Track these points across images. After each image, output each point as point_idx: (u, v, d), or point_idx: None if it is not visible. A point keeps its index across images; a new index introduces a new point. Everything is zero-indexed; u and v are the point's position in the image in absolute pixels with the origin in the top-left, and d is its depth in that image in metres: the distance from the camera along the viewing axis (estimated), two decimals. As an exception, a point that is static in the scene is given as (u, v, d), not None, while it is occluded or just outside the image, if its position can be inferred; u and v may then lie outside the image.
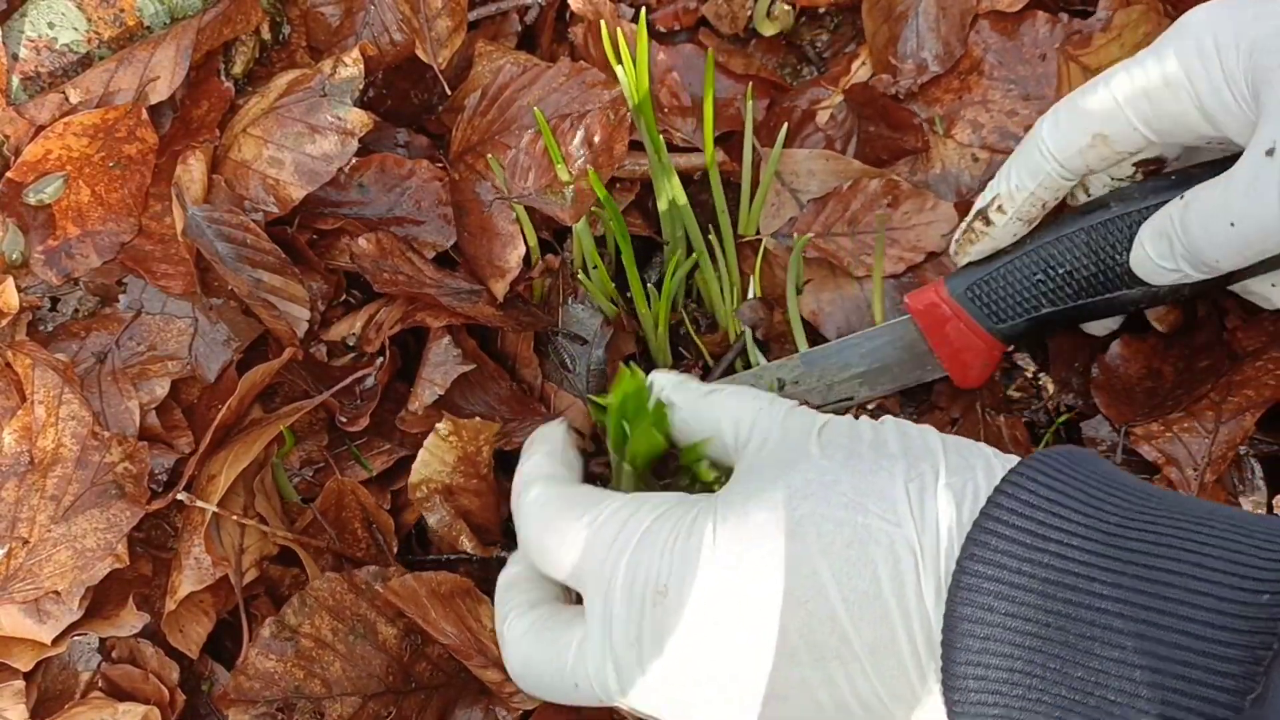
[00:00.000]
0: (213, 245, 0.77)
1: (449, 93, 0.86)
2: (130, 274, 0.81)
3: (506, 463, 0.78)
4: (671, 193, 0.74)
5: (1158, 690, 0.39)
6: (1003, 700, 0.43)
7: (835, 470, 0.50)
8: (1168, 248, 0.62)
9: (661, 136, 0.73)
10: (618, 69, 0.68)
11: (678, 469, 0.61)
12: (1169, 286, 0.65)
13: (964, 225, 0.71)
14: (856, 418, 0.55)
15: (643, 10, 0.72)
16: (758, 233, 0.80)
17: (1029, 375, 0.76)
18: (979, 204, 0.70)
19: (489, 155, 0.76)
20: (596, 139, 0.73)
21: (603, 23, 0.73)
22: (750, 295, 0.77)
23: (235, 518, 0.71)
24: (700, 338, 0.79)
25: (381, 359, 0.77)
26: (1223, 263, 0.60)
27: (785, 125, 0.76)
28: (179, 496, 0.70)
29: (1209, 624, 0.39)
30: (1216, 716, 0.38)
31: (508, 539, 0.75)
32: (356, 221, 0.81)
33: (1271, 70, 0.56)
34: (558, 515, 0.56)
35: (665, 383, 0.60)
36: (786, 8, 0.88)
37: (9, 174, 0.79)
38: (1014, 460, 0.48)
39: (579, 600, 0.57)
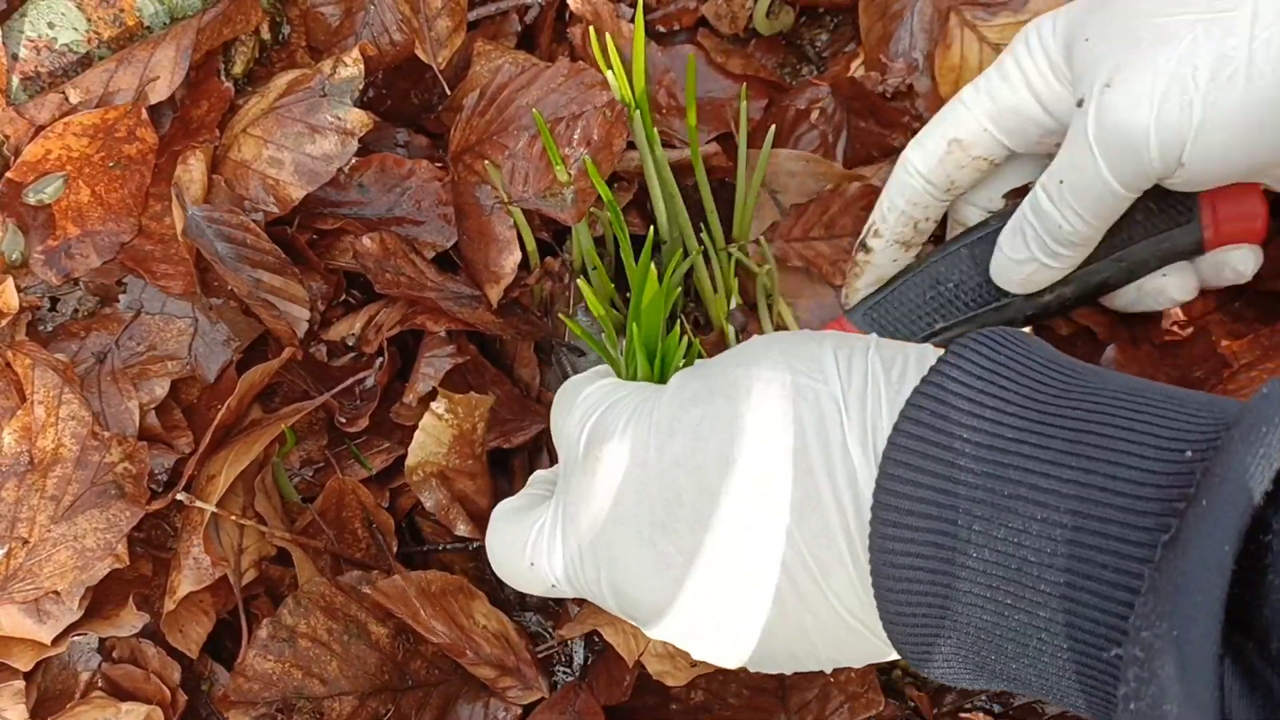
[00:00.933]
0: (213, 245, 0.77)
1: (449, 92, 0.86)
2: (130, 274, 0.81)
3: (503, 461, 0.78)
4: (666, 191, 0.74)
5: (1075, 546, 0.39)
6: (926, 565, 0.43)
7: (769, 342, 0.51)
8: (1021, 240, 0.64)
9: (659, 136, 0.73)
10: (608, 73, 0.69)
11: None
12: (1051, 295, 0.67)
13: (849, 265, 0.73)
14: None
15: (639, 6, 0.72)
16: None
17: None
18: (859, 239, 0.72)
19: (486, 161, 0.76)
20: (594, 138, 0.73)
21: (591, 28, 0.73)
22: (732, 304, 0.77)
23: (234, 518, 0.71)
24: (697, 338, 0.79)
25: (381, 359, 0.77)
26: (1066, 229, 0.62)
27: (774, 128, 0.76)
28: (178, 496, 0.70)
29: (1131, 480, 0.39)
30: (1129, 570, 0.38)
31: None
32: (356, 221, 0.81)
33: (1076, 38, 0.61)
34: (575, 385, 0.58)
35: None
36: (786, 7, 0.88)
37: (9, 174, 0.79)
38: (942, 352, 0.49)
39: None
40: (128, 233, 0.81)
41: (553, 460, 0.77)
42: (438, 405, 0.71)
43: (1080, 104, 0.60)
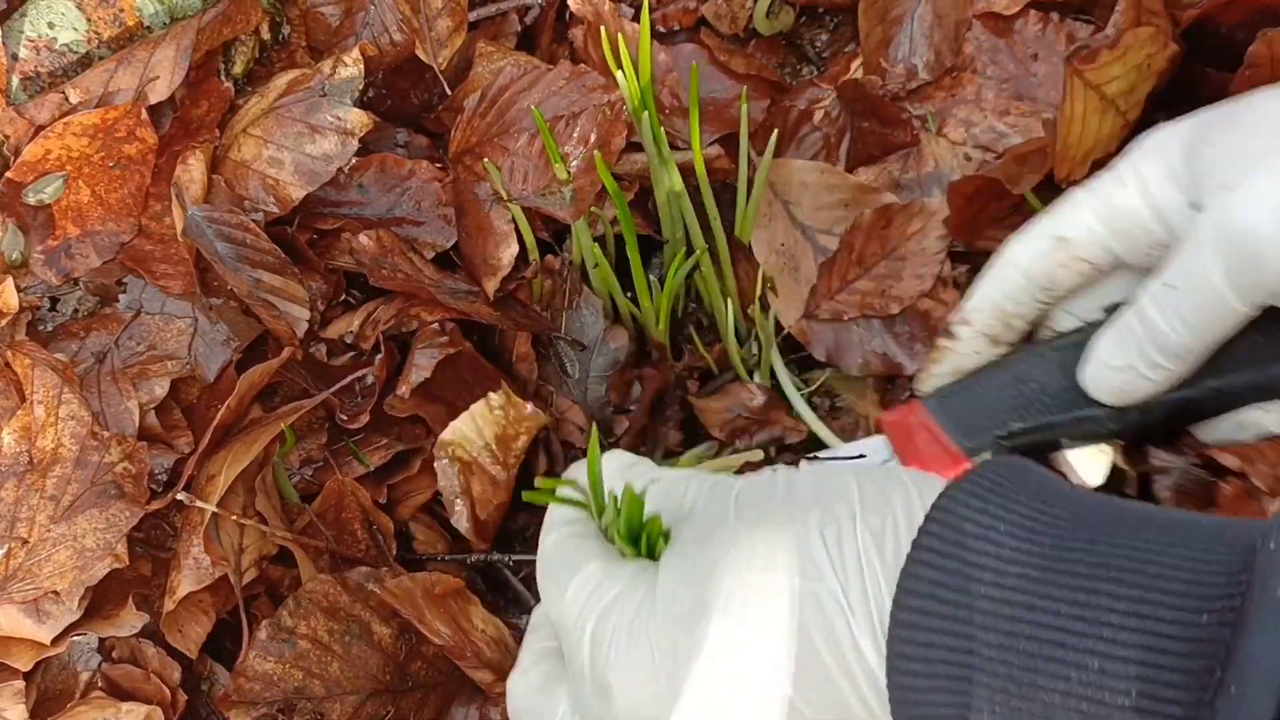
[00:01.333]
0: (212, 245, 0.77)
1: (449, 93, 0.86)
2: (130, 274, 0.81)
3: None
4: (672, 190, 0.74)
5: None
6: None
7: (750, 533, 0.49)
8: (1119, 345, 0.61)
9: (664, 134, 0.72)
10: (618, 74, 0.68)
11: None
12: (1136, 407, 0.63)
13: (930, 349, 0.70)
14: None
15: (645, 6, 0.72)
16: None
17: None
18: (947, 324, 0.69)
19: (485, 160, 0.76)
20: (593, 137, 0.74)
21: (603, 28, 0.73)
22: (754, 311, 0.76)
23: (234, 518, 0.71)
24: (700, 338, 0.79)
25: (379, 354, 0.77)
26: (1171, 338, 0.59)
27: (776, 132, 0.75)
28: (178, 496, 0.70)
29: (1150, 648, 0.38)
30: None
31: (494, 547, 0.76)
32: (356, 221, 0.81)
33: (1199, 144, 0.58)
34: (558, 565, 0.54)
35: (614, 468, 0.57)
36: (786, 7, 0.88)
37: (9, 174, 0.79)
38: (934, 486, 0.47)
39: None
40: (128, 233, 0.81)
41: (550, 460, 0.77)
42: (496, 397, 0.70)
43: (1197, 207, 0.57)
